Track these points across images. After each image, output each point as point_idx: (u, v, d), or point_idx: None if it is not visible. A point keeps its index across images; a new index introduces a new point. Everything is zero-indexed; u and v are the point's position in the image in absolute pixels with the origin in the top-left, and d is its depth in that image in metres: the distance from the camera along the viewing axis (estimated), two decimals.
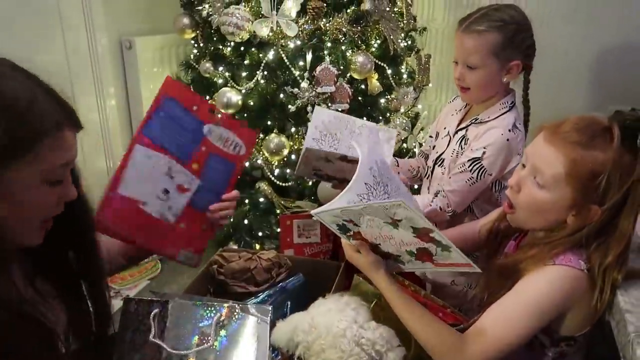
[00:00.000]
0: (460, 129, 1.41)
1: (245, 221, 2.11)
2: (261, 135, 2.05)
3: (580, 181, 0.89)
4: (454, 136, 1.42)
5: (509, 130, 1.29)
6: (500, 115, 1.33)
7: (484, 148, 1.29)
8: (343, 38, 1.96)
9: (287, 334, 0.94)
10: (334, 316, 0.92)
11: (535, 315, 0.90)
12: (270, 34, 1.91)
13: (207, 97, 2.17)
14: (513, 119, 1.32)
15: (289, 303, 1.43)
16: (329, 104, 1.91)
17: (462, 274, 1.36)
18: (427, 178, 1.53)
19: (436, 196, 1.35)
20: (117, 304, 1.16)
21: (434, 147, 1.52)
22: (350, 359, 0.89)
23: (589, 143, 0.89)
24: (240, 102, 2.00)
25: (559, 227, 0.95)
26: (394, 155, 2.08)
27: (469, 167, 1.30)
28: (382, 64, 2.10)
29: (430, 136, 1.59)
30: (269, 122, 2.03)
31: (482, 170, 1.29)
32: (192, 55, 2.23)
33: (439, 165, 1.45)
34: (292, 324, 0.96)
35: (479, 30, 1.26)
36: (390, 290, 0.96)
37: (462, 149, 1.37)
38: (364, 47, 2.05)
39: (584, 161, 0.89)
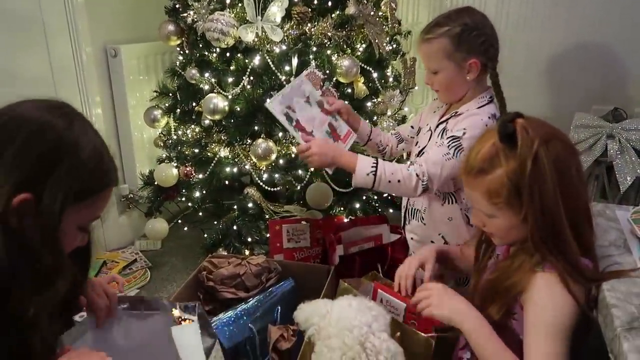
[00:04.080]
0: (441, 123, 1.47)
1: (234, 227, 2.10)
2: (248, 141, 2.05)
3: (505, 200, 0.94)
4: (435, 130, 1.48)
5: (489, 118, 1.36)
6: (480, 107, 1.39)
7: (464, 129, 1.34)
8: (328, 42, 1.97)
9: (306, 313, 1.03)
10: (350, 312, 0.98)
11: (562, 331, 0.89)
12: (256, 39, 1.91)
13: (194, 104, 2.17)
14: (493, 109, 1.39)
15: (279, 308, 1.43)
16: None
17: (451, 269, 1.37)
18: None
19: (412, 165, 1.38)
20: None
21: (416, 143, 1.57)
22: (349, 352, 0.94)
23: (488, 167, 0.95)
24: (227, 108, 1.99)
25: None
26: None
27: (447, 143, 1.35)
28: (367, 68, 2.11)
29: (412, 126, 1.66)
30: (256, 127, 2.03)
31: (458, 149, 1.33)
32: (177, 62, 2.23)
33: (420, 157, 1.49)
34: (312, 306, 1.04)
35: (428, 39, 1.38)
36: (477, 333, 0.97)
37: (442, 139, 1.41)
38: (349, 51, 2.06)
39: (493, 185, 0.94)
